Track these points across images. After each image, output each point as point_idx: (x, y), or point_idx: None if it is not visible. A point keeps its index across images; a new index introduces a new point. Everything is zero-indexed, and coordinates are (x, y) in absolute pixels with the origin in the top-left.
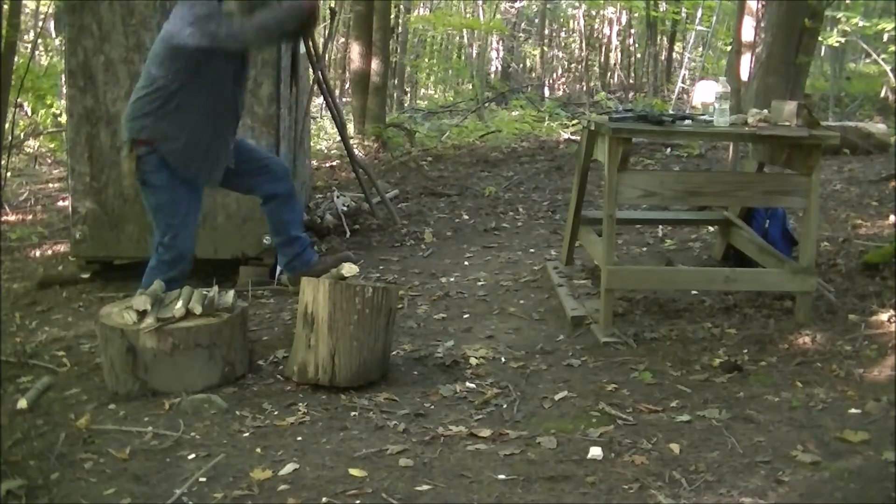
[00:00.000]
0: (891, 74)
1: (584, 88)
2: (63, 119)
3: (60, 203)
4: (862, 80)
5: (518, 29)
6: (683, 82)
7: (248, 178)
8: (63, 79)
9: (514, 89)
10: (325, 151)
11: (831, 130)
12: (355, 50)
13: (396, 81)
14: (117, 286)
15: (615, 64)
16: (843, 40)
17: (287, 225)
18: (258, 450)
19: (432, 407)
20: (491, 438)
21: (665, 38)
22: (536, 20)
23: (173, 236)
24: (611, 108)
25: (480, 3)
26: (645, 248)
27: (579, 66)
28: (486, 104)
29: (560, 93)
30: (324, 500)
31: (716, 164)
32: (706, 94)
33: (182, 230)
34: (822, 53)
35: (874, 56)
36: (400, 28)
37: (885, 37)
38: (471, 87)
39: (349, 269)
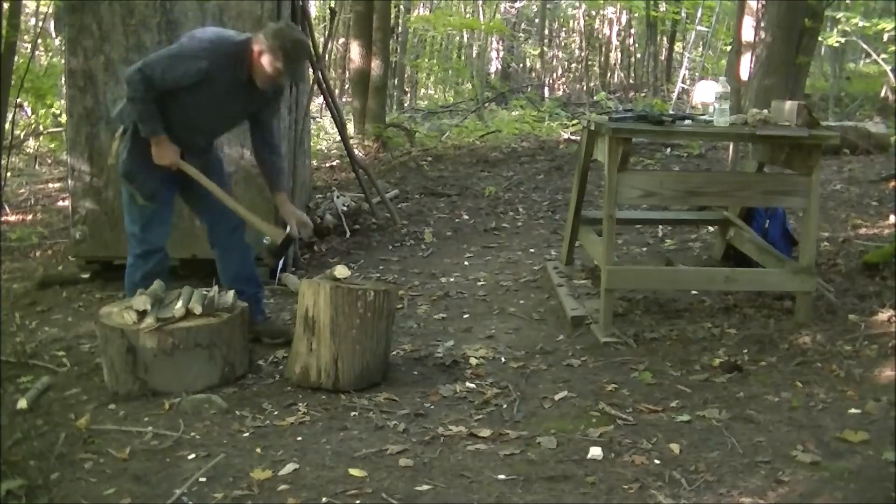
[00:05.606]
0: (891, 74)
1: (584, 88)
2: (63, 119)
3: (60, 203)
4: (862, 80)
5: (518, 29)
6: (683, 82)
7: (200, 205)
8: (63, 79)
9: (514, 89)
10: (325, 151)
11: (831, 130)
12: (355, 50)
13: (396, 81)
14: (117, 286)
15: (615, 64)
16: (843, 40)
17: (222, 276)
18: (258, 450)
19: (432, 407)
20: (491, 438)
21: (665, 38)
22: (536, 20)
23: (144, 226)
24: (611, 108)
25: (480, 3)
26: (645, 248)
27: (579, 66)
28: (486, 104)
29: (560, 93)
30: (324, 500)
31: (716, 164)
32: (706, 94)
33: (155, 221)
34: (822, 53)
35: (874, 56)
36: (400, 28)
37: (885, 37)
38: (471, 87)
39: (341, 271)
